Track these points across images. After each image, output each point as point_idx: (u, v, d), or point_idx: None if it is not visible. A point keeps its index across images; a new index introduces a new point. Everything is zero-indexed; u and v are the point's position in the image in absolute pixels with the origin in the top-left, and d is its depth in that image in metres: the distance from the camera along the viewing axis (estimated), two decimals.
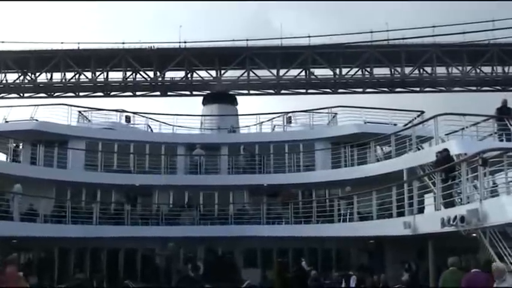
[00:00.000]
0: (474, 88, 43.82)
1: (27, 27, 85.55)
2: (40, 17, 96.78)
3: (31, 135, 26.70)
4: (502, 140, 19.35)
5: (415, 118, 26.30)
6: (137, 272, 25.79)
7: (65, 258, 25.19)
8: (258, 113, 31.50)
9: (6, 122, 27.43)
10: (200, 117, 33.99)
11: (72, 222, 24.26)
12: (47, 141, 26.93)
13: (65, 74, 43.44)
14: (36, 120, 27.50)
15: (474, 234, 13.95)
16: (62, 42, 42.68)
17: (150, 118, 31.24)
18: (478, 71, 42.52)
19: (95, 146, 28.25)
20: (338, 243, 24.75)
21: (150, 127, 31.24)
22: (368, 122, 27.51)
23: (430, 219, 16.27)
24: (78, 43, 42.57)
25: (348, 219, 22.61)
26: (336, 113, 29.59)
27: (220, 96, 37.52)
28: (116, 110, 30.86)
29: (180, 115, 31.44)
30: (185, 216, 26.73)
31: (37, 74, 43.33)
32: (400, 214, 18.58)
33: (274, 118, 30.95)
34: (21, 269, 15.29)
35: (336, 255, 25.68)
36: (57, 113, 27.93)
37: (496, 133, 19.68)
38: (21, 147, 27.71)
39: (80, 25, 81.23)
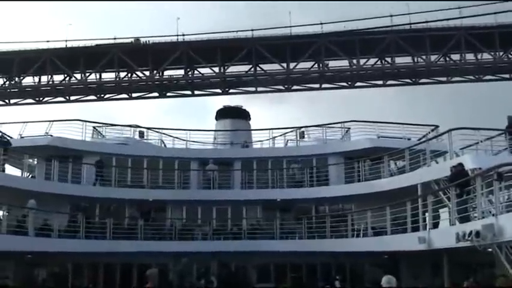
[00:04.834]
0: (507, 76, 39.15)
1: (8, 26, 79.58)
2: (22, 14, 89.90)
3: (46, 150, 26.86)
4: None
5: (429, 132, 26.18)
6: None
7: (78, 273, 25.25)
8: (271, 128, 31.49)
9: (22, 137, 27.68)
10: (213, 132, 34.10)
11: (86, 237, 24.40)
12: (62, 156, 27.15)
13: (52, 76, 39.63)
14: (51, 135, 27.75)
15: (490, 249, 13.81)
16: (47, 41, 38.86)
17: (163, 133, 31.52)
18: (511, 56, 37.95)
19: (109, 161, 28.42)
20: (352, 258, 24.56)
21: (163, 142, 31.45)
22: (381, 137, 27.43)
23: (445, 234, 16.14)
24: (66, 41, 38.79)
25: (361, 234, 22.47)
26: (349, 128, 29.55)
27: (233, 111, 37.53)
28: (130, 126, 31.16)
29: (193, 130, 31.73)
30: (198, 231, 26.74)
31: (21, 77, 39.36)
32: (415, 229, 18.45)
33: (287, 133, 30.99)
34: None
35: (350, 270, 25.47)
36: (71, 128, 28.16)
37: (511, 147, 19.55)
38: (35, 162, 27.96)
39: (66, 22, 73.39)
